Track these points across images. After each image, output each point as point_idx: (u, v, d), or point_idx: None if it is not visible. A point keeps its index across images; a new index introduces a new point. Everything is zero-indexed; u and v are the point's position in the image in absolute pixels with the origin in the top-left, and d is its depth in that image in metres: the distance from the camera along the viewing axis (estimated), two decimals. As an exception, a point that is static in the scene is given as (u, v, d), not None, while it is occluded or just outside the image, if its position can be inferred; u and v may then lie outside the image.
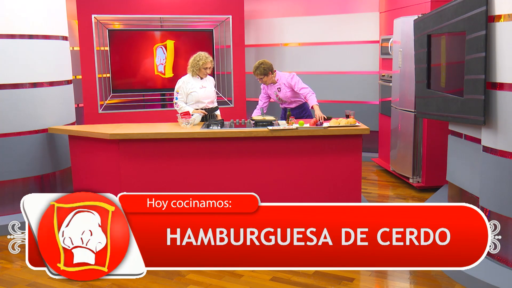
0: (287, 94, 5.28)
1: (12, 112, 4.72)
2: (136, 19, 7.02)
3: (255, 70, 5.21)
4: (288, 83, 5.23)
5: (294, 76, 5.24)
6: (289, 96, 5.29)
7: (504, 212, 3.43)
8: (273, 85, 5.33)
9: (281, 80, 5.29)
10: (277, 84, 5.31)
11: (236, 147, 4.57)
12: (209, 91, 5.08)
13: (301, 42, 7.70)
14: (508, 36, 3.32)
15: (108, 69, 6.98)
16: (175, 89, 5.05)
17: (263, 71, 5.18)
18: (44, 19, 4.88)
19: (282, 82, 5.28)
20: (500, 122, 3.44)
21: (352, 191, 4.62)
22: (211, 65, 5.00)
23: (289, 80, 5.23)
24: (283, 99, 5.34)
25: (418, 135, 5.69)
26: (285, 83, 5.25)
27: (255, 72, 5.22)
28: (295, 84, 5.19)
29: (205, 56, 4.98)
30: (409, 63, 5.58)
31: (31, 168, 4.88)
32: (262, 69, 5.17)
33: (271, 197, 4.62)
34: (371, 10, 7.28)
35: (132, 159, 4.58)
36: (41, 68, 4.89)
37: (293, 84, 5.20)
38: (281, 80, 5.29)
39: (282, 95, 5.31)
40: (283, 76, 5.30)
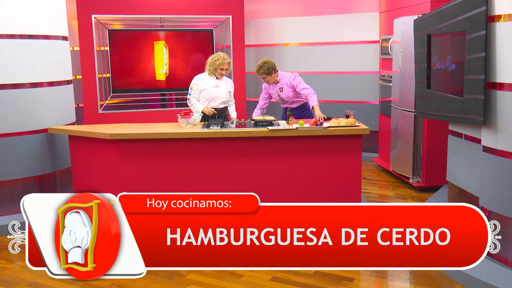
0: (289, 94, 5.28)
1: (12, 112, 4.71)
2: (136, 19, 7.02)
3: (259, 69, 5.20)
4: (291, 83, 5.23)
5: (297, 76, 5.24)
6: (291, 96, 5.29)
7: (504, 212, 3.43)
8: (275, 84, 5.34)
9: (284, 80, 5.29)
10: (279, 84, 5.31)
11: (236, 147, 4.57)
12: (222, 92, 5.08)
13: (301, 42, 7.70)
14: (508, 36, 3.32)
15: (108, 69, 6.98)
16: (190, 85, 5.11)
17: (266, 70, 5.18)
18: (44, 19, 4.88)
19: (284, 82, 5.28)
20: (500, 122, 3.44)
21: (352, 191, 4.62)
22: (228, 67, 5.01)
23: (292, 80, 5.23)
24: (285, 99, 5.34)
25: (418, 135, 5.69)
26: (287, 83, 5.26)
27: (258, 71, 5.22)
28: (297, 84, 5.19)
29: (223, 57, 5.00)
30: (409, 63, 5.58)
31: (31, 168, 4.88)
32: (265, 68, 5.17)
33: (271, 197, 4.62)
34: (371, 10, 7.28)
35: (132, 159, 4.58)
36: (41, 68, 4.89)
37: (295, 84, 5.20)
38: (284, 80, 5.29)
39: (284, 95, 5.31)
40: (286, 76, 5.30)
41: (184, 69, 7.25)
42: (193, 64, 7.21)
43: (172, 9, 7.06)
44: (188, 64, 7.26)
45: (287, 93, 5.29)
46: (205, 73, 5.11)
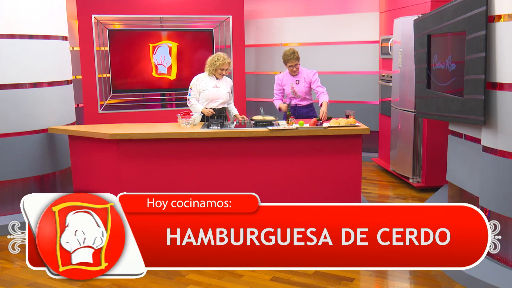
0: (303, 89, 5.29)
1: (12, 112, 4.71)
2: (136, 19, 7.01)
3: (291, 56, 5.20)
4: (309, 77, 5.28)
5: (316, 73, 5.31)
6: (304, 91, 5.30)
7: (504, 212, 3.43)
8: (293, 76, 5.35)
9: (303, 73, 5.32)
10: (297, 76, 5.33)
11: (236, 147, 4.56)
12: (221, 92, 5.08)
13: (301, 42, 7.70)
14: (508, 36, 3.32)
15: (108, 69, 6.98)
16: (189, 85, 5.11)
17: (298, 56, 5.23)
18: (44, 19, 4.88)
19: (302, 76, 5.31)
20: (500, 122, 3.44)
21: (352, 191, 4.62)
22: (228, 67, 5.01)
23: (311, 75, 5.28)
24: (298, 92, 5.33)
25: (418, 135, 5.69)
26: (306, 77, 5.29)
27: (291, 58, 5.20)
28: (315, 80, 5.25)
29: (223, 57, 5.00)
30: (409, 63, 5.58)
31: (31, 168, 4.88)
32: (297, 53, 5.22)
33: (271, 197, 4.62)
34: (371, 10, 7.28)
35: (132, 159, 4.58)
36: (41, 68, 4.89)
37: (313, 80, 5.25)
38: (303, 73, 5.32)
39: (298, 88, 5.31)
40: (305, 70, 5.34)
41: (184, 69, 7.25)
42: (193, 64, 7.21)
43: (172, 9, 7.06)
44: (188, 64, 7.26)
45: (302, 88, 5.29)
46: (204, 73, 5.11)
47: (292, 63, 5.23)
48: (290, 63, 5.23)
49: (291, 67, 5.26)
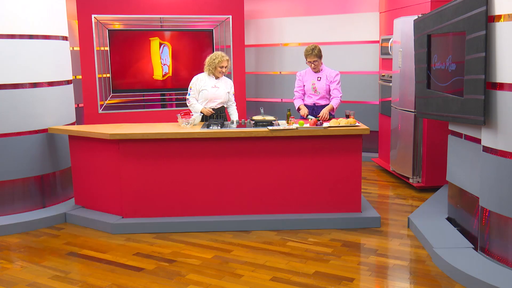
0: (324, 86, 5.32)
1: (12, 112, 4.71)
2: (136, 19, 7.02)
3: (311, 51, 5.22)
4: (332, 76, 5.32)
5: (339, 75, 5.35)
6: (324, 89, 5.33)
7: (504, 212, 3.43)
8: (315, 73, 5.37)
9: (325, 71, 5.36)
10: (319, 73, 5.35)
11: (236, 147, 4.57)
12: (220, 92, 5.09)
13: (301, 42, 7.70)
14: (508, 36, 3.32)
15: (108, 69, 6.98)
16: (189, 85, 5.12)
17: (318, 53, 5.25)
18: (44, 19, 4.88)
19: (325, 74, 5.35)
20: (500, 122, 3.44)
21: (352, 191, 4.62)
22: (227, 64, 5.03)
23: (333, 75, 5.32)
24: (318, 90, 5.33)
25: (418, 135, 5.69)
26: (328, 75, 5.33)
27: (309, 54, 5.24)
28: (336, 81, 5.30)
29: (221, 55, 5.01)
30: (409, 63, 5.58)
31: (31, 168, 4.88)
32: (318, 50, 5.25)
33: (271, 197, 4.62)
34: (371, 10, 7.29)
35: (132, 159, 4.58)
36: (41, 68, 4.89)
37: (334, 80, 5.30)
38: (325, 71, 5.36)
39: (319, 85, 5.32)
40: (329, 69, 5.40)
41: (184, 69, 7.25)
42: (193, 64, 7.21)
43: (172, 9, 7.06)
44: (188, 64, 7.26)
45: (323, 85, 5.32)
46: (204, 73, 5.12)
47: (311, 59, 5.27)
48: (309, 58, 5.28)
49: (310, 63, 5.30)
